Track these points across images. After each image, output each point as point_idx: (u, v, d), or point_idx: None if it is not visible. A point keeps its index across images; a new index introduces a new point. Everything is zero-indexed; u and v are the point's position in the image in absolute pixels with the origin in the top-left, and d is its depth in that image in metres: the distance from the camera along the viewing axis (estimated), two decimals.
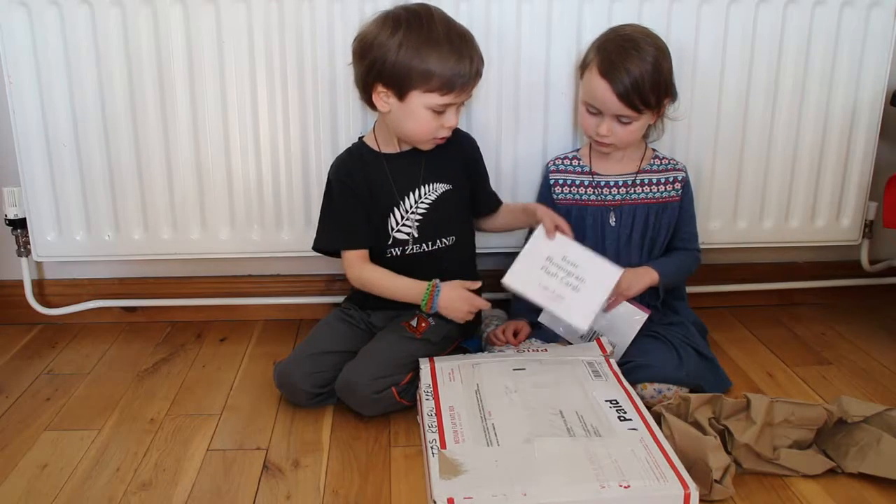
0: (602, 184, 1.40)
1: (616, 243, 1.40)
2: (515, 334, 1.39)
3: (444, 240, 1.36)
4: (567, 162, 1.44)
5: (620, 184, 1.40)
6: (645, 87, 1.27)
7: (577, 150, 1.46)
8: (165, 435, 1.21)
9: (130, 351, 1.51)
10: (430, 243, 1.35)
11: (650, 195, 1.40)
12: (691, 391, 1.25)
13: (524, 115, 1.47)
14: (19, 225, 1.51)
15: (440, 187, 1.35)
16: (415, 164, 1.34)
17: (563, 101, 1.47)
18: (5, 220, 1.51)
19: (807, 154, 1.55)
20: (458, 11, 1.40)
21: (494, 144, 1.48)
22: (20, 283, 1.58)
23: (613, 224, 1.39)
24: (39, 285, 1.62)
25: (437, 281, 1.29)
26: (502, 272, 1.39)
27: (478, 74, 1.25)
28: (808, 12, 1.46)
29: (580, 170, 1.42)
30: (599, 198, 1.40)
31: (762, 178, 1.55)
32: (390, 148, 1.34)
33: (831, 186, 1.58)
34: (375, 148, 1.35)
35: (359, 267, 1.33)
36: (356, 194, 1.32)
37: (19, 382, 1.38)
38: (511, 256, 1.56)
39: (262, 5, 1.38)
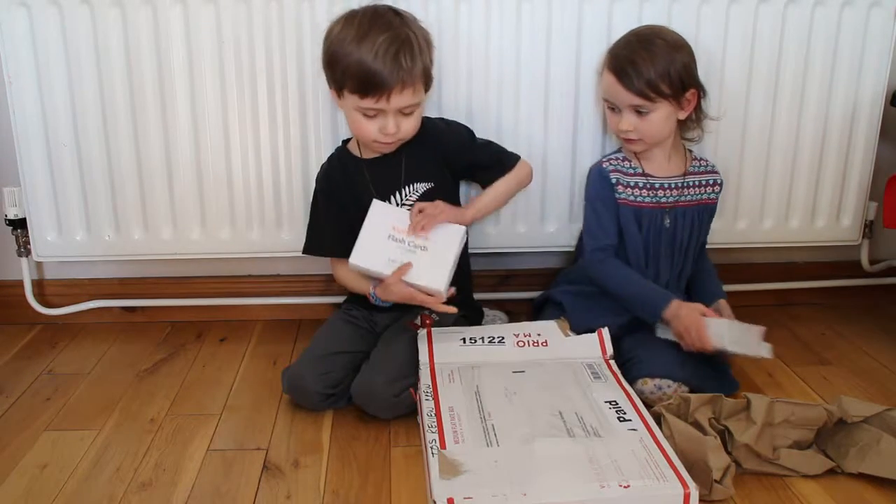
0: (657, 185, 1.38)
1: (671, 246, 1.38)
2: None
3: None
4: (620, 162, 1.39)
5: (672, 186, 1.38)
6: (651, 75, 1.27)
7: (620, 151, 1.42)
8: (165, 435, 1.21)
9: (130, 351, 1.51)
10: None
11: (697, 197, 1.39)
12: (692, 391, 1.25)
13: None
14: (19, 225, 1.51)
15: (422, 186, 1.34)
16: (395, 167, 1.33)
17: (565, 103, 1.46)
18: (5, 220, 1.51)
19: (807, 154, 1.55)
20: (459, 12, 1.40)
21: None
22: (20, 283, 1.58)
23: (668, 226, 1.37)
24: (39, 285, 1.61)
25: None
26: (500, 273, 1.39)
27: (402, 84, 1.18)
28: (808, 12, 1.46)
29: (633, 171, 1.38)
30: (655, 199, 1.37)
31: (762, 178, 1.55)
32: (370, 153, 1.34)
33: (831, 186, 1.57)
34: (356, 153, 1.35)
35: (339, 270, 1.37)
36: (339, 203, 1.34)
37: (19, 382, 1.38)
38: (513, 256, 1.57)
39: (262, 5, 1.38)
